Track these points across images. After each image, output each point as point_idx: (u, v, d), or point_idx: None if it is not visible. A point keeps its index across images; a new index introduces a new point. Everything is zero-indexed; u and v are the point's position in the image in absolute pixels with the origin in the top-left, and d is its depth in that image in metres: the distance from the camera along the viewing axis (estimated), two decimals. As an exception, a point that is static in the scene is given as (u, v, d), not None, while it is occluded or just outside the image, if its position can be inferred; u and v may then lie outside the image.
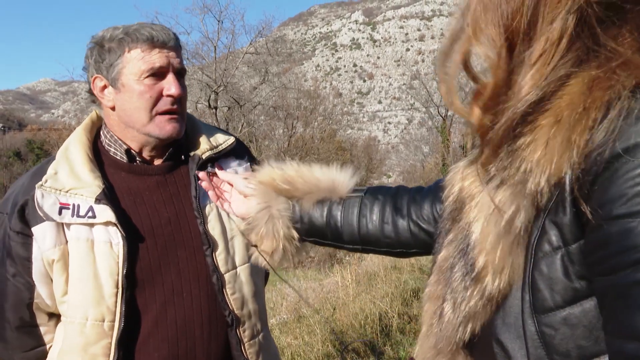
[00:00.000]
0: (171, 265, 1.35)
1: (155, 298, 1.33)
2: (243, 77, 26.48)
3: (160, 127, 1.34)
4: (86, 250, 1.27)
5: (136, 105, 1.32)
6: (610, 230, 0.53)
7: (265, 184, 1.12)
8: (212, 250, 1.38)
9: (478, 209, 0.70)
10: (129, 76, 1.31)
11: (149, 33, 1.29)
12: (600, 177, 0.55)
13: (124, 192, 1.36)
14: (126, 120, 1.36)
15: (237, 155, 1.52)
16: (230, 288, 1.40)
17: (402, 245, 1.07)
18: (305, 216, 1.10)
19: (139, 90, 1.31)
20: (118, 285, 1.27)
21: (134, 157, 1.41)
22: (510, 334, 0.65)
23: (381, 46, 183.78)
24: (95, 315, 1.27)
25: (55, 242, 1.27)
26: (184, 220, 1.39)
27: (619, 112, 0.55)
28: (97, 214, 1.27)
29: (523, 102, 0.62)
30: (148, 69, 1.30)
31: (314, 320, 5.06)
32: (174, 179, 1.43)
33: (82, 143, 1.37)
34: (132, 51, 1.30)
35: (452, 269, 0.73)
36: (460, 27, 0.70)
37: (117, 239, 1.28)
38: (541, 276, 0.62)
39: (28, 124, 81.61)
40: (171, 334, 1.34)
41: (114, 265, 1.27)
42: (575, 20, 0.59)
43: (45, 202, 1.26)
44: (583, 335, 0.60)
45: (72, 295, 1.28)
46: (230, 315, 1.40)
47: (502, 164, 0.64)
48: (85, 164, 1.33)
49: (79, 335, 1.28)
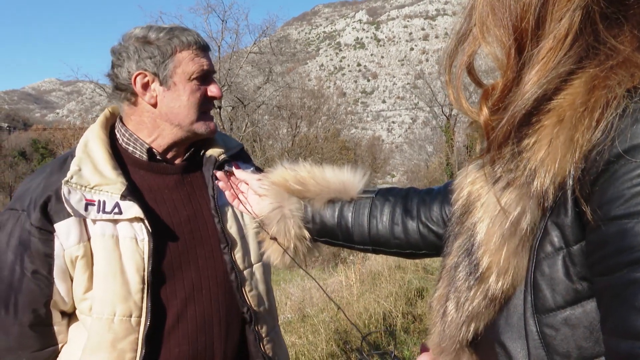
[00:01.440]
0: (191, 262, 1.38)
1: (177, 294, 1.35)
2: (247, 77, 26.51)
3: (206, 125, 1.42)
4: (112, 247, 1.29)
5: (186, 104, 1.38)
6: (609, 231, 0.54)
7: (278, 185, 1.14)
8: (230, 248, 1.42)
9: (484, 209, 0.70)
10: (181, 75, 1.36)
11: (194, 37, 1.38)
12: (600, 178, 0.55)
13: (145, 190, 1.39)
14: (171, 117, 1.39)
15: (244, 160, 1.58)
16: (248, 285, 1.44)
17: (412, 246, 1.08)
18: (316, 216, 1.12)
19: (191, 89, 1.38)
20: (144, 281, 1.29)
21: (154, 156, 1.43)
22: (512, 334, 0.66)
23: (385, 45, 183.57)
24: (123, 310, 1.28)
25: (80, 238, 1.28)
26: (201, 219, 1.43)
27: (617, 112, 0.55)
28: (124, 210, 1.29)
29: (524, 100, 0.62)
30: (199, 71, 1.38)
31: (318, 320, 5.06)
32: (191, 178, 1.47)
33: (101, 140, 1.39)
34: (183, 52, 1.36)
35: (457, 268, 0.74)
36: (466, 28, 0.70)
37: (142, 235, 1.30)
38: (543, 277, 0.63)
39: (33, 124, 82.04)
40: (191, 330, 1.36)
41: (140, 261, 1.29)
42: (580, 17, 0.59)
43: (72, 198, 1.27)
44: (583, 336, 0.60)
45: (99, 291, 1.29)
46: (249, 311, 1.43)
47: (508, 165, 0.65)
48: (108, 161, 1.34)
49: (108, 331, 1.29)
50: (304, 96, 28.70)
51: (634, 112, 0.54)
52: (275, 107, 26.55)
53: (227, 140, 1.58)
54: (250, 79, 26.73)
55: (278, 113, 27.03)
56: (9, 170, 41.12)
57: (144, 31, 1.37)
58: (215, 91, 1.42)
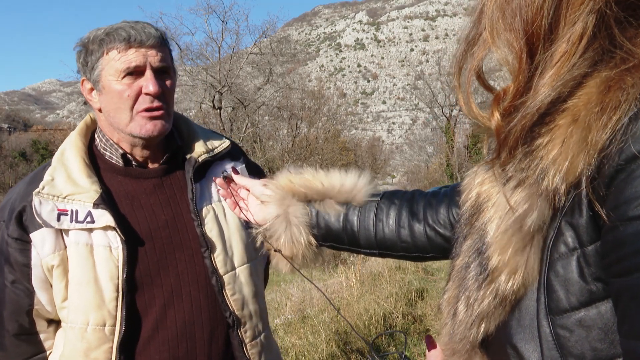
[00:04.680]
0: (170, 268, 1.36)
1: (155, 301, 1.33)
2: (247, 78, 26.51)
3: (140, 126, 1.33)
4: (86, 255, 1.28)
5: (117, 106, 1.32)
6: (626, 232, 0.53)
7: (283, 189, 1.13)
8: (210, 252, 1.38)
9: (494, 209, 0.70)
10: (108, 77, 1.31)
11: (127, 33, 1.29)
12: (616, 178, 0.55)
13: (121, 196, 1.37)
14: (111, 121, 1.36)
15: (232, 157, 1.53)
16: (230, 289, 1.41)
17: (419, 249, 1.07)
18: (322, 221, 1.11)
19: (118, 90, 1.31)
20: (118, 289, 1.28)
21: (129, 161, 1.41)
22: (525, 335, 0.65)
23: (385, 46, 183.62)
24: (97, 319, 1.27)
25: (55, 247, 1.27)
26: (181, 222, 1.40)
27: (632, 114, 0.55)
28: (96, 219, 1.27)
29: (536, 102, 0.61)
30: (125, 69, 1.30)
31: (318, 321, 5.06)
32: (171, 182, 1.43)
33: (77, 148, 1.37)
34: (111, 52, 1.30)
35: (467, 269, 0.73)
36: (475, 32, 0.69)
37: (116, 243, 1.28)
38: (557, 277, 0.62)
39: (33, 125, 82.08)
40: (171, 336, 1.34)
41: (114, 269, 1.28)
42: (594, 21, 0.59)
43: (44, 209, 1.26)
44: (598, 337, 0.59)
45: (73, 300, 1.28)
46: (231, 316, 1.40)
47: (520, 165, 0.64)
48: (82, 169, 1.33)
49: (81, 341, 1.28)
50: (304, 97, 28.68)
51: None
52: (275, 108, 26.53)
53: (211, 138, 1.52)
54: (250, 80, 26.73)
55: (278, 114, 27.01)
56: (9, 170, 41.10)
57: (89, 34, 1.34)
58: (150, 88, 1.30)
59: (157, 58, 1.33)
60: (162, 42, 1.35)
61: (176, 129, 1.50)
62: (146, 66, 1.31)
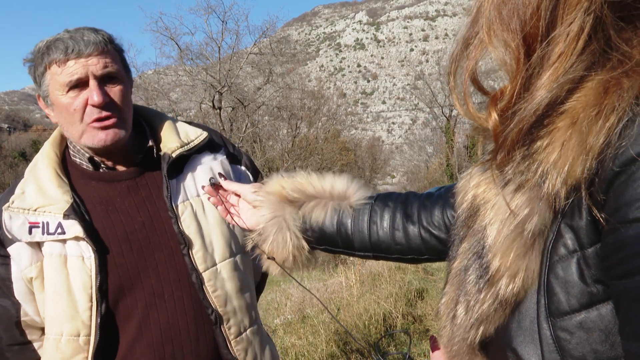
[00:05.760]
0: (150, 269, 1.34)
1: (137, 304, 1.32)
2: (247, 78, 26.50)
3: (92, 137, 1.31)
4: (60, 266, 1.27)
5: (67, 120, 1.31)
6: (627, 234, 0.53)
7: (274, 194, 1.11)
8: (188, 249, 1.36)
9: (494, 212, 0.69)
10: (55, 92, 1.29)
11: (64, 44, 1.25)
12: (615, 182, 0.54)
13: (95, 202, 1.35)
14: (66, 135, 1.37)
15: (211, 148, 1.49)
16: (210, 285, 1.38)
17: (413, 251, 1.06)
18: (315, 225, 1.10)
19: (65, 104, 1.29)
20: (92, 299, 1.27)
21: (98, 165, 1.39)
22: (525, 338, 0.65)
23: (385, 46, 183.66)
24: (70, 330, 1.27)
25: (31, 260, 1.28)
26: (159, 222, 1.38)
27: (630, 116, 0.54)
28: (66, 230, 1.27)
29: (533, 105, 0.61)
30: (67, 83, 1.26)
31: (318, 321, 5.06)
32: (146, 181, 1.41)
33: (49, 158, 1.36)
34: (52, 66, 1.27)
35: (467, 272, 0.73)
36: (472, 32, 0.68)
37: (88, 253, 1.28)
38: (557, 280, 0.62)
39: (33, 125, 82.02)
40: (156, 337, 1.33)
41: (87, 279, 1.27)
42: (591, 22, 0.58)
43: (14, 223, 1.27)
44: (599, 339, 0.59)
45: (49, 310, 1.28)
46: (214, 313, 1.38)
47: (519, 167, 0.64)
48: (53, 179, 1.32)
49: (55, 351, 1.28)
50: (304, 97, 28.68)
51: None
52: (275, 108, 26.53)
53: (190, 131, 1.48)
54: (250, 80, 26.72)
55: (278, 114, 27.01)
56: (9, 170, 41.07)
57: (33, 49, 1.31)
58: (95, 98, 1.26)
59: (99, 66, 1.28)
60: (104, 47, 1.29)
61: (150, 126, 1.47)
62: (88, 76, 1.27)
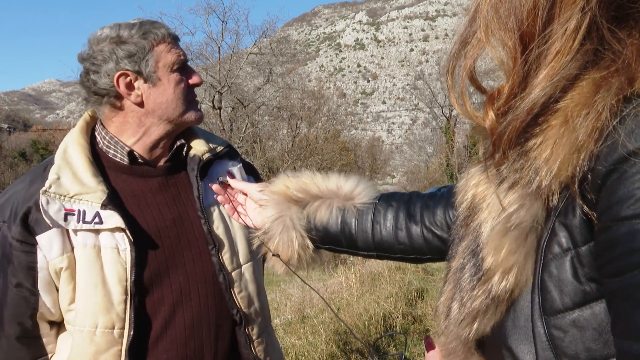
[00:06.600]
0: (178, 267, 1.35)
1: (164, 301, 1.32)
2: (247, 78, 26.48)
3: (195, 113, 1.41)
4: (94, 257, 1.25)
5: (173, 97, 1.36)
6: (619, 232, 0.53)
7: (279, 194, 1.13)
8: (217, 249, 1.39)
9: (489, 210, 0.70)
10: (163, 69, 1.35)
11: (166, 29, 1.36)
12: (607, 180, 0.55)
13: (127, 196, 1.34)
14: (159, 113, 1.36)
15: (230, 157, 1.55)
16: (237, 287, 1.41)
17: (416, 251, 1.07)
18: (319, 224, 1.11)
19: (175, 81, 1.36)
20: (127, 292, 1.26)
21: (135, 159, 1.39)
22: (520, 336, 0.65)
23: (385, 46, 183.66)
24: (105, 322, 1.25)
25: (62, 250, 1.24)
26: (187, 221, 1.40)
27: (622, 115, 0.55)
28: (105, 220, 1.25)
29: (527, 103, 0.61)
30: (178, 61, 1.36)
31: (318, 321, 5.06)
32: (175, 180, 1.43)
33: (80, 145, 1.34)
34: (160, 45, 1.34)
35: (462, 270, 0.73)
36: (469, 31, 0.69)
37: (124, 245, 1.26)
38: (550, 278, 0.62)
39: (33, 125, 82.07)
40: (180, 335, 1.33)
41: (122, 272, 1.26)
42: (587, 21, 0.59)
43: (51, 209, 1.23)
44: (592, 337, 0.60)
45: (81, 303, 1.26)
46: (239, 313, 1.41)
47: (514, 166, 0.64)
48: (88, 168, 1.30)
49: (89, 344, 1.26)
50: (304, 97, 28.64)
51: (638, 115, 0.54)
52: (275, 108, 26.51)
53: (212, 138, 1.54)
54: (250, 80, 26.70)
55: (278, 114, 26.98)
56: (9, 170, 41.05)
57: (114, 31, 1.32)
58: (196, 79, 1.41)
59: (182, 53, 1.40)
60: None
61: None
62: (186, 60, 1.41)
